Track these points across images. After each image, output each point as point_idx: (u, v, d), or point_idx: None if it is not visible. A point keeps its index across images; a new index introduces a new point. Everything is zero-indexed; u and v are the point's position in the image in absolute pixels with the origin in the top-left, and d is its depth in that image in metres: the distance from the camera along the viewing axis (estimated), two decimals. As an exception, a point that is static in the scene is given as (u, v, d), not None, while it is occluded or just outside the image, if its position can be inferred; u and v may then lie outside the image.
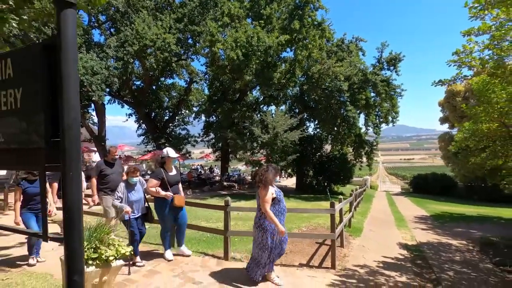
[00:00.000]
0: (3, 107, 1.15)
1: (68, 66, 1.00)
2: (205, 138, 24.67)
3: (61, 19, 0.99)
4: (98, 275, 2.75)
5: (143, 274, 3.98)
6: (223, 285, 3.78)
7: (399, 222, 10.21)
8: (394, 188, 38.31)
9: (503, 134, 5.04)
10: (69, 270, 1.02)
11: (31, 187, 4.26)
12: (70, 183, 1.01)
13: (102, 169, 5.28)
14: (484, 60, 4.03)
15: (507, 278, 4.85)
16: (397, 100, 19.40)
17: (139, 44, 16.59)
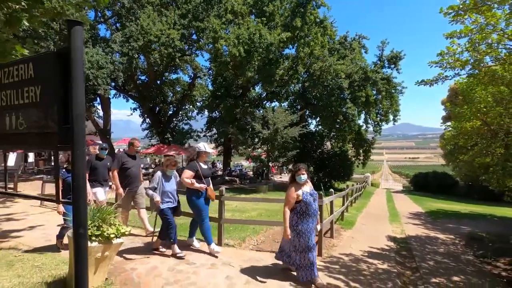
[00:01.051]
0: (26, 100, 1.48)
1: (76, 69, 1.32)
2: (208, 133, 25.07)
3: (71, 34, 1.31)
4: (100, 250, 3.10)
5: (141, 255, 4.35)
6: (214, 264, 4.14)
7: (393, 217, 10.48)
8: (396, 186, 38.41)
9: (485, 132, 5.28)
10: (76, 224, 1.35)
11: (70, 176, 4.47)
12: (77, 159, 1.33)
13: (124, 162, 5.10)
14: (463, 62, 4.28)
15: (485, 268, 5.12)
16: (397, 98, 19.51)
17: (144, 40, 16.92)
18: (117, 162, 5.11)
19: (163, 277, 3.63)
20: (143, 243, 4.95)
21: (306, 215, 3.58)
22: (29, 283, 3.22)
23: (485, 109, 4.89)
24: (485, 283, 4.39)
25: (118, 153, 5.67)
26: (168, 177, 4.46)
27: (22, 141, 1.57)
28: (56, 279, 3.33)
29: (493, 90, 4.70)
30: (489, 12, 3.93)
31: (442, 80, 4.44)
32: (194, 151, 4.68)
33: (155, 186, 4.28)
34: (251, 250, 5.08)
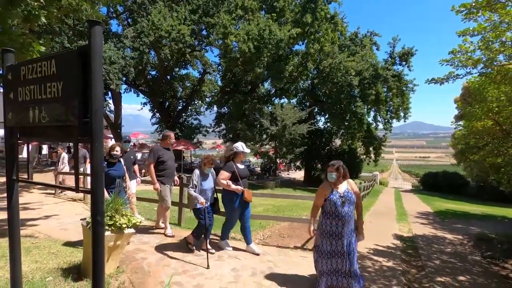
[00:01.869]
0: (49, 95, 1.58)
1: (96, 67, 1.40)
2: (216, 128, 25.25)
3: (91, 33, 1.40)
4: (113, 239, 3.24)
5: (151, 245, 4.49)
6: (221, 257, 4.25)
7: (400, 216, 10.41)
8: (405, 185, 37.94)
9: (497, 132, 5.19)
10: (94, 211, 1.45)
11: (112, 170, 4.29)
12: (96, 150, 1.43)
13: (160, 155, 4.91)
14: (475, 60, 4.21)
15: (491, 269, 5.08)
16: (408, 96, 19.21)
17: (155, 35, 17.11)
18: (153, 156, 4.92)
19: (172, 267, 3.76)
20: (154, 234, 5.10)
21: (333, 216, 3.25)
22: (46, 268, 3.39)
23: (497, 109, 4.81)
24: (492, 283, 4.37)
25: (154, 146, 5.56)
26: (206, 175, 4.37)
27: (44, 134, 1.68)
28: (71, 265, 3.50)
29: (505, 89, 4.61)
30: (503, 10, 3.85)
31: (453, 78, 4.39)
32: (231, 151, 4.53)
33: (195, 184, 4.22)
34: (257, 244, 5.16)
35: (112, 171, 4.28)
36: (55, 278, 3.16)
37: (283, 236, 6.04)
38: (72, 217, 5.96)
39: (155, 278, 3.45)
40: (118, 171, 4.33)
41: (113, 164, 4.34)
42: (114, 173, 4.27)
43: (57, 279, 3.14)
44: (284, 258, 4.53)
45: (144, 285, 3.25)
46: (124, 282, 3.28)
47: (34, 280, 3.07)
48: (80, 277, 3.19)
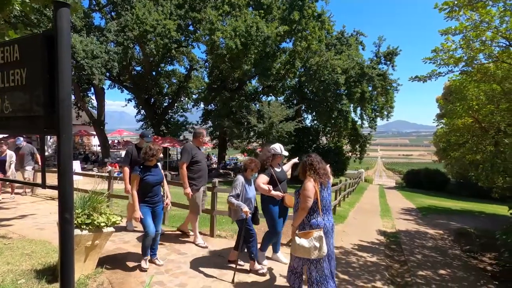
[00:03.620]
0: (12, 83, 1.45)
1: (62, 52, 1.30)
2: (203, 125, 24.98)
3: (57, 16, 1.29)
4: (91, 239, 3.10)
5: (133, 244, 4.36)
6: (205, 255, 4.17)
7: (384, 212, 10.61)
8: (389, 182, 38.86)
9: (476, 129, 5.35)
10: (62, 209, 1.35)
11: (150, 175, 3.51)
12: (63, 143, 1.32)
13: (195, 154, 4.32)
14: (457, 59, 4.31)
15: (470, 262, 5.24)
16: (393, 95, 19.61)
17: (139, 30, 16.67)
18: (187, 155, 4.28)
19: (154, 266, 3.65)
20: (135, 232, 4.95)
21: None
22: (18, 271, 3.21)
23: (477, 107, 4.95)
24: (470, 276, 4.50)
25: (186, 144, 4.63)
26: (249, 182, 3.81)
27: (9, 126, 1.55)
28: (46, 266, 3.33)
29: (485, 87, 4.75)
30: (484, 9, 3.95)
31: (436, 76, 4.47)
32: (269, 153, 3.96)
33: (238, 193, 3.65)
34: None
35: (150, 176, 3.50)
36: (27, 280, 3.00)
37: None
38: (49, 216, 5.71)
39: (136, 278, 3.33)
40: (156, 176, 3.56)
41: (150, 168, 3.55)
42: (152, 179, 3.51)
43: (30, 282, 2.98)
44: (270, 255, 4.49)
45: (124, 285, 3.14)
46: (103, 282, 3.16)
47: (5, 283, 2.90)
48: (56, 279, 3.03)
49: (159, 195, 3.62)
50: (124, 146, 29.76)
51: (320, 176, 2.92)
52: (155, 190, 3.55)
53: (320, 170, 2.95)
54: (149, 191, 3.49)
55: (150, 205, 3.51)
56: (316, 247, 2.70)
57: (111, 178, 6.49)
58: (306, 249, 2.71)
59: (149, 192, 3.49)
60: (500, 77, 4.26)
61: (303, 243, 2.72)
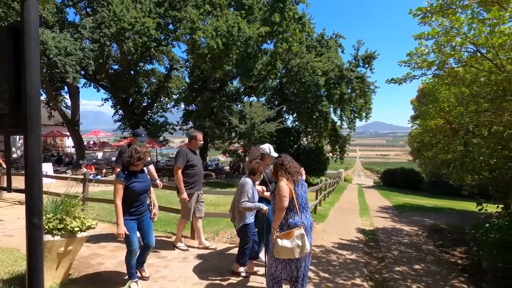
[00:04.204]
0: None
1: (30, 46, 1.22)
2: (184, 126, 24.59)
3: (24, 7, 1.21)
4: (63, 245, 2.94)
5: (109, 249, 4.19)
6: (186, 258, 4.09)
7: (363, 211, 10.93)
8: (367, 181, 40.13)
9: (447, 130, 5.65)
10: (30, 213, 1.26)
11: (137, 182, 3.01)
12: (31, 143, 1.24)
13: (190, 158, 4.22)
14: (429, 63, 4.52)
15: (443, 257, 5.50)
16: (370, 97, 20.25)
17: (117, 27, 16.13)
18: (182, 159, 4.17)
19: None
20: (113, 237, 4.77)
21: None
22: (-18, 281, 2.99)
23: (448, 108, 5.22)
24: (443, 270, 4.72)
25: (181, 148, 4.48)
26: (254, 185, 3.60)
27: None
28: (13, 276, 3.13)
29: (455, 90, 5.02)
30: (454, 16, 4.16)
31: (410, 79, 4.67)
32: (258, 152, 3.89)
33: (249, 196, 3.41)
34: (225, 243, 5.07)
35: (136, 183, 3.00)
36: (-8, 291, 2.80)
37: (251, 234, 6.00)
38: (18, 222, 5.38)
39: (113, 285, 3.20)
40: (143, 183, 3.09)
41: (136, 174, 3.05)
42: (139, 187, 3.02)
43: (-5, 292, 2.78)
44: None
45: (100, 293, 3.00)
46: (77, 290, 3.01)
47: (-34, 295, 2.69)
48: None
49: (145, 204, 3.19)
50: (101, 147, 28.66)
51: (292, 174, 2.93)
52: (141, 199, 3.08)
53: (291, 168, 2.97)
54: (135, 201, 3.02)
55: (135, 217, 3.04)
56: (299, 245, 2.71)
57: (86, 181, 6.23)
58: (289, 249, 2.71)
59: (135, 202, 3.02)
60: (469, 80, 4.52)
61: (286, 244, 2.72)
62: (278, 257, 2.82)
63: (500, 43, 3.78)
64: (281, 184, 2.86)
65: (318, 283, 3.73)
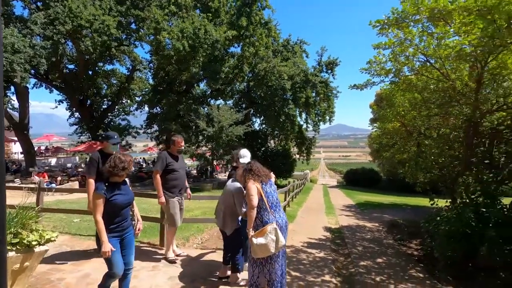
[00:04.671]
0: None
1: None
2: (148, 130, 23.63)
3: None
4: (19, 261, 2.69)
5: (70, 263, 3.91)
6: (156, 266, 3.95)
7: (328, 210, 11.40)
8: (331, 181, 41.87)
9: (403, 132, 6.17)
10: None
11: (119, 194, 2.70)
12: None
13: (169, 163, 4.15)
14: (387, 70, 4.92)
15: (401, 250, 5.96)
16: (333, 101, 21.25)
17: (73, 24, 15.10)
18: (161, 163, 4.09)
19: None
20: (73, 249, 4.45)
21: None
22: None
23: (403, 113, 5.71)
24: (402, 262, 5.11)
25: (162, 152, 4.40)
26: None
27: None
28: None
29: (409, 96, 5.52)
30: (407, 29, 4.58)
31: (371, 85, 5.04)
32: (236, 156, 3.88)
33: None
34: (196, 249, 4.99)
35: (119, 196, 2.68)
36: None
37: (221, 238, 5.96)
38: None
39: (77, 300, 3.00)
40: (127, 196, 2.77)
41: (118, 186, 2.73)
42: (122, 200, 2.70)
43: None
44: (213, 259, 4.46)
45: (62, 310, 2.79)
46: (35, 310, 2.76)
47: None
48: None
49: (129, 219, 2.84)
50: (54, 153, 26.42)
51: (259, 176, 3.02)
52: (124, 213, 2.74)
53: (260, 171, 3.06)
54: (117, 215, 2.68)
55: (118, 234, 2.68)
56: (273, 240, 2.76)
57: (41, 190, 5.73)
58: (264, 245, 2.74)
59: (117, 217, 2.67)
60: (420, 87, 4.99)
61: (261, 241, 2.76)
62: (255, 257, 2.86)
63: (445, 55, 4.24)
64: (249, 184, 2.94)
65: (290, 282, 3.83)
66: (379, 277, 4.30)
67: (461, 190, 5.21)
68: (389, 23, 4.21)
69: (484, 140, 5.19)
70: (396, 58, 4.81)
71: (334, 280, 4.07)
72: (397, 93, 5.64)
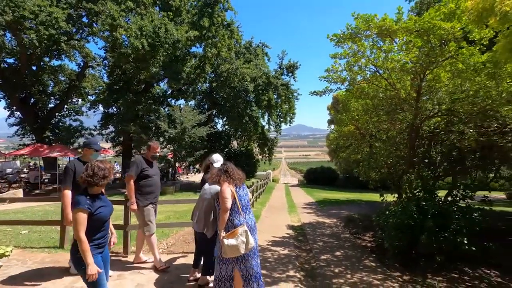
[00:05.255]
0: None
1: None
2: (103, 131, 22.18)
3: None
4: (-32, 280, 2.48)
5: (24, 278, 3.64)
6: (121, 275, 3.86)
7: (291, 208, 11.87)
8: (292, 180, 43.26)
9: (357, 134, 6.76)
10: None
11: (103, 207, 2.50)
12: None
13: (144, 168, 4.08)
14: (343, 79, 5.39)
15: (356, 242, 6.51)
16: (294, 103, 22.07)
17: (14, 15, 13.64)
18: (135, 168, 4.01)
19: None
20: (26, 264, 4.13)
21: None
22: None
23: (357, 117, 6.27)
24: (358, 253, 5.61)
25: (136, 157, 4.17)
26: None
27: None
28: None
29: (362, 102, 6.07)
30: (360, 42, 5.06)
31: (329, 92, 5.47)
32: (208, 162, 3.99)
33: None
34: (161, 254, 4.93)
35: (103, 209, 2.50)
36: None
37: (188, 241, 5.96)
38: None
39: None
40: (109, 208, 2.61)
41: (98, 197, 2.53)
42: (106, 213, 2.54)
43: None
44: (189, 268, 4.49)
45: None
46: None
47: None
48: None
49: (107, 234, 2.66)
50: (-11, 157, 23.43)
51: (234, 179, 3.15)
52: (106, 227, 2.57)
53: (235, 174, 3.20)
54: (100, 230, 2.49)
55: (101, 249, 2.51)
56: (243, 241, 2.91)
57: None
58: (235, 246, 2.88)
59: (99, 232, 2.48)
60: (371, 95, 5.54)
61: (232, 242, 2.89)
62: (225, 257, 2.97)
63: (391, 67, 4.78)
64: (223, 187, 3.05)
65: (258, 280, 4.01)
66: (337, 269, 4.68)
67: (405, 186, 5.88)
68: (345, 37, 4.65)
69: (424, 142, 5.93)
70: (350, 68, 5.28)
71: (298, 274, 4.35)
72: (352, 99, 6.19)
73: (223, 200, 2.98)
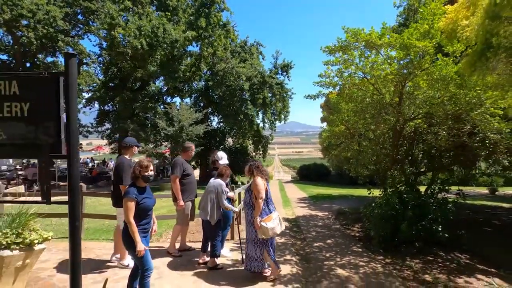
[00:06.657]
0: (7, 114, 1.62)
1: (72, 94, 1.61)
2: (99, 128, 22.37)
3: (68, 65, 1.60)
4: (22, 259, 2.95)
5: (53, 262, 4.12)
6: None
7: (285, 203, 12.48)
8: (286, 177, 43.93)
9: (347, 134, 7.37)
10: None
11: (147, 198, 2.99)
12: (73, 166, 1.63)
13: (186, 168, 4.55)
14: (334, 83, 5.95)
15: (346, 232, 7.14)
16: (288, 102, 22.62)
17: (12, 13, 13.77)
18: (179, 169, 4.47)
19: (89, 277, 3.67)
20: (56, 249, 4.60)
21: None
22: None
23: (347, 118, 6.86)
24: (347, 241, 6.23)
25: (177, 158, 4.56)
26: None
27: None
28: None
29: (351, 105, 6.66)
30: (349, 51, 5.62)
31: (322, 95, 6.03)
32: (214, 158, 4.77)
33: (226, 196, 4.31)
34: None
35: (147, 199, 2.98)
36: None
37: (192, 232, 6.49)
38: None
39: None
40: (153, 199, 3.09)
41: (144, 189, 3.03)
42: (150, 202, 3.03)
43: None
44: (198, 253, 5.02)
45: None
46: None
47: None
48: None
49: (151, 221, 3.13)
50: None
51: (264, 175, 3.84)
52: (150, 215, 3.05)
53: (264, 171, 3.88)
54: (145, 217, 2.97)
55: (146, 233, 3.00)
56: (278, 223, 3.67)
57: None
58: (273, 228, 3.59)
59: (144, 218, 2.96)
60: (359, 99, 6.12)
61: (270, 225, 3.53)
62: (265, 237, 3.59)
63: (377, 74, 5.36)
64: (258, 180, 3.68)
65: (259, 263, 4.56)
66: (328, 254, 5.29)
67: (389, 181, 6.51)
68: (336, 49, 5.20)
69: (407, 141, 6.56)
70: (341, 74, 5.84)
71: (294, 258, 4.94)
72: (343, 102, 6.78)
73: (259, 191, 3.61)
